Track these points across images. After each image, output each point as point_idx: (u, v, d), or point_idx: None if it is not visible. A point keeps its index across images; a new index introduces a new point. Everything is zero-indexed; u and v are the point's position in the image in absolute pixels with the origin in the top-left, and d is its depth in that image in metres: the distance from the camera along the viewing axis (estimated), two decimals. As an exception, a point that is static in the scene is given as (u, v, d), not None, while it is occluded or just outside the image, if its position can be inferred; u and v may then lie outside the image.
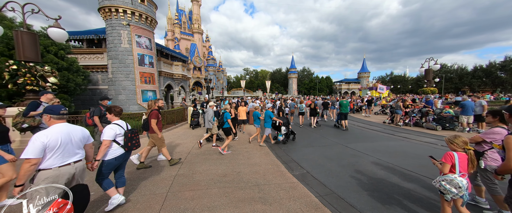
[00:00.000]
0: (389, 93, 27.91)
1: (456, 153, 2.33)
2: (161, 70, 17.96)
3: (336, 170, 4.57)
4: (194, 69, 50.30)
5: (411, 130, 9.43)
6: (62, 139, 2.05)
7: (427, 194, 3.40)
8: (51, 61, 9.73)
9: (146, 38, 14.48)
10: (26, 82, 6.63)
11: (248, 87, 72.46)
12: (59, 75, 10.15)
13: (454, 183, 2.20)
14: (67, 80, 10.31)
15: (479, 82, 40.74)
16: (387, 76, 66.46)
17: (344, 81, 62.06)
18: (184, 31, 53.55)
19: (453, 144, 2.38)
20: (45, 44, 10.00)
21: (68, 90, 10.59)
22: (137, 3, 13.47)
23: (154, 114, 4.47)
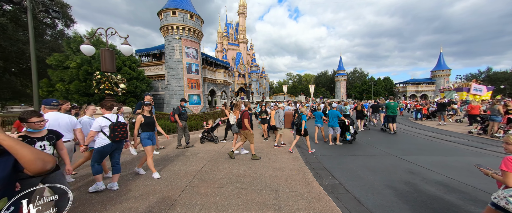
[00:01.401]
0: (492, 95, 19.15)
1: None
2: (206, 76, 20.03)
3: (379, 186, 3.59)
4: (239, 76, 53.91)
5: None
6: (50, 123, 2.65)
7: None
8: (125, 72, 12.60)
9: (193, 49, 16.58)
10: (105, 88, 8.69)
11: (291, 92, 70.72)
12: (130, 83, 12.98)
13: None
14: (135, 87, 13.05)
15: None
16: (481, 74, 49.52)
17: (410, 82, 50.56)
18: (231, 42, 58.69)
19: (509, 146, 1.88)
20: (123, 59, 13.08)
21: (136, 95, 13.39)
22: (187, 19, 15.70)
23: (246, 115, 5.16)
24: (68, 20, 17.27)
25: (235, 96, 47.91)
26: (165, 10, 15.24)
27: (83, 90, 11.58)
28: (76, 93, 11.60)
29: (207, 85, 20.67)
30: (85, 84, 11.48)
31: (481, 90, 17.73)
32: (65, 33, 17.78)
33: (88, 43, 7.91)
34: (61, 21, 16.85)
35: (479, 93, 17.58)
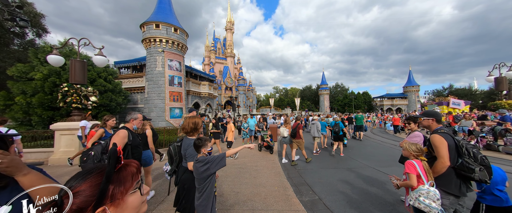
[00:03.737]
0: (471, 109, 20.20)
1: (414, 161, 2.16)
2: (190, 89, 19.64)
3: (358, 200, 3.61)
4: (226, 89, 53.91)
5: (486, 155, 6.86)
6: None
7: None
8: (100, 84, 11.86)
9: (176, 61, 16.37)
10: (72, 101, 7.99)
11: (277, 105, 71.88)
12: (104, 96, 12.18)
13: (431, 196, 1.99)
14: (110, 100, 12.25)
15: None
16: (444, 90, 55.20)
17: (386, 96, 54.49)
18: (218, 56, 59.47)
19: (407, 150, 2.26)
20: (99, 70, 12.39)
21: (109, 108, 12.52)
22: (171, 32, 15.68)
23: (300, 126, 6.23)
24: (40, 29, 16.27)
25: (222, 109, 47.33)
26: (148, 23, 15.15)
27: (47, 103, 10.55)
28: (39, 107, 10.51)
29: (191, 98, 20.19)
30: (51, 97, 10.51)
31: (459, 104, 18.79)
32: (35, 43, 16.62)
33: (56, 53, 7.37)
34: (32, 30, 15.82)
35: (458, 106, 18.54)
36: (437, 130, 2.28)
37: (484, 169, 2.01)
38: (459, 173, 2.10)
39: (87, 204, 0.57)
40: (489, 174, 2.01)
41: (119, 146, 0.68)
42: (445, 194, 2.15)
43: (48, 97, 10.52)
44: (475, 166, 2.01)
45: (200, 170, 1.81)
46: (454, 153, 2.12)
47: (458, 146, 2.12)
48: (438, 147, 2.12)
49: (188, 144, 2.18)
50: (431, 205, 1.95)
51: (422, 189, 2.03)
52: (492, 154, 6.85)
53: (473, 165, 2.02)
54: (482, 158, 2.06)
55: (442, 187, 2.14)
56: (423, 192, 2.01)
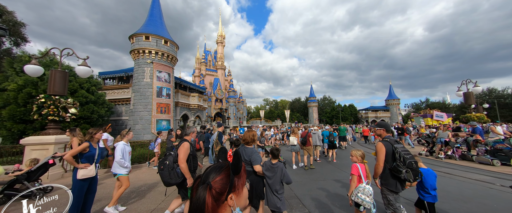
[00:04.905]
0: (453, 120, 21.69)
1: (358, 164, 2.78)
2: (178, 100, 19.27)
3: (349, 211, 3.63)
4: (216, 100, 53.56)
5: (457, 165, 7.32)
6: None
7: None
8: (81, 96, 11.28)
9: (165, 73, 16.19)
10: (49, 113, 7.48)
11: (268, 117, 72.18)
12: (86, 107, 11.55)
13: (366, 192, 2.52)
14: (91, 112, 11.60)
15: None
16: (422, 103, 59.34)
17: (370, 109, 57.17)
18: (209, 68, 59.83)
19: (354, 157, 2.87)
20: (81, 81, 11.85)
21: (91, 121, 11.81)
22: (161, 44, 15.70)
23: (310, 135, 7.26)
24: (19, 38, 15.52)
25: (212, 121, 46.48)
26: (138, 34, 15.11)
27: (19, 116, 9.75)
28: (9, 120, 9.66)
29: (180, 110, 19.74)
30: (24, 109, 9.76)
31: (442, 116, 20.17)
32: (12, 52, 15.71)
33: (35, 63, 7.03)
34: (9, 39, 15.03)
35: (441, 119, 19.84)
36: (384, 139, 2.74)
37: (410, 171, 2.45)
38: (393, 174, 2.57)
39: (224, 189, 0.73)
40: (414, 175, 2.46)
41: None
42: (390, 192, 2.62)
43: (20, 109, 9.75)
44: (402, 169, 2.47)
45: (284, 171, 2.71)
46: (390, 157, 2.58)
47: (394, 152, 2.57)
48: (378, 152, 2.64)
49: (251, 151, 2.82)
50: (365, 200, 2.45)
51: (361, 186, 2.57)
52: (467, 164, 7.31)
53: (401, 168, 2.48)
54: (410, 163, 2.49)
55: (387, 186, 2.63)
56: (361, 189, 2.54)
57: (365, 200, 2.51)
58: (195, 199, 0.70)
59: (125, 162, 3.68)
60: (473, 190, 4.65)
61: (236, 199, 0.76)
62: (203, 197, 0.69)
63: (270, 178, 2.65)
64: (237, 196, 0.78)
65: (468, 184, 5.04)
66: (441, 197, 4.29)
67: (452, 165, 7.32)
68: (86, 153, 3.08)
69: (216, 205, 0.71)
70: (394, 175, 2.59)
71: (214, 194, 0.71)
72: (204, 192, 0.70)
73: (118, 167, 3.66)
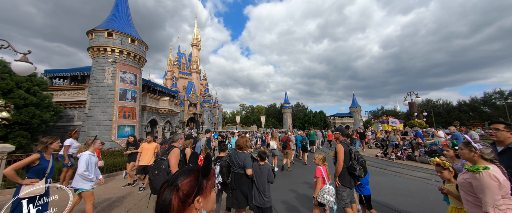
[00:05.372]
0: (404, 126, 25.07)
1: (321, 167, 3.01)
2: (146, 104, 17.71)
3: None
4: (190, 105, 51.02)
5: (404, 164, 8.45)
6: None
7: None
8: (18, 97, 9.37)
9: (131, 74, 14.78)
10: (-31, 117, 5.99)
11: (244, 122, 71.95)
12: (24, 111, 9.64)
13: (331, 192, 2.77)
14: (32, 116, 9.69)
15: (467, 116, 41.38)
16: (378, 111, 67.78)
17: (337, 116, 62.52)
18: (183, 71, 57.09)
19: (316, 160, 3.13)
20: (19, 79, 9.88)
21: (31, 127, 9.83)
22: (127, 43, 14.36)
23: (290, 139, 7.89)
24: None
25: (184, 126, 43.87)
26: (99, 30, 13.54)
27: None
28: None
29: (147, 114, 18.11)
30: None
31: (395, 122, 23.19)
32: None
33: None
34: None
35: (395, 124, 22.73)
36: (341, 141, 3.16)
37: (362, 168, 2.96)
38: (349, 172, 2.97)
39: (191, 192, 0.74)
40: (365, 172, 3.01)
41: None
42: (344, 188, 2.98)
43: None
44: (357, 166, 2.93)
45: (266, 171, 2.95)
46: (348, 157, 3.01)
47: (350, 153, 3.00)
48: (338, 153, 3.02)
49: (245, 156, 3.01)
50: (330, 200, 2.72)
51: (325, 188, 2.81)
52: (412, 163, 8.52)
53: (356, 166, 2.93)
54: (362, 161, 3.00)
55: (342, 182, 3.00)
56: (326, 190, 2.79)
57: (330, 200, 2.74)
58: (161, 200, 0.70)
59: (90, 174, 3.26)
60: (416, 186, 5.42)
61: (203, 202, 0.77)
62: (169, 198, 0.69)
63: (259, 179, 2.90)
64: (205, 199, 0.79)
65: (412, 181, 5.87)
66: (392, 193, 4.87)
67: (401, 164, 8.44)
68: (35, 166, 2.51)
69: (182, 207, 0.71)
70: (350, 173, 2.97)
71: (181, 196, 0.71)
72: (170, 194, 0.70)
73: (81, 181, 3.22)
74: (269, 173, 2.94)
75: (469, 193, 1.83)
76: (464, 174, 1.95)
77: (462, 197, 1.94)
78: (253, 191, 2.92)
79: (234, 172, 3.02)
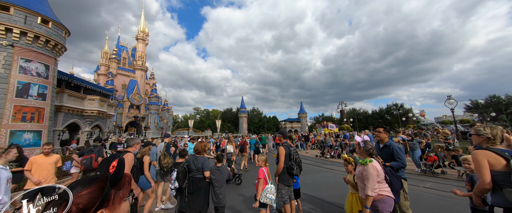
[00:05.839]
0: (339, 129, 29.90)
1: (263, 168, 3.21)
2: (63, 104, 13.92)
3: None
4: (131, 107, 43.63)
5: (337, 162, 10.09)
6: None
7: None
8: None
9: (40, 64, 11.35)
10: None
11: (198, 127, 67.83)
12: None
13: (272, 191, 3.00)
14: None
15: (377, 122, 54.22)
16: (320, 117, 79.03)
17: (288, 121, 68.65)
18: (123, 67, 48.68)
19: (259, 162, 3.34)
20: None
21: None
22: (35, 23, 11.02)
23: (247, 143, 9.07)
24: None
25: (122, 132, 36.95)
26: (-15, -1, 9.80)
27: None
28: None
29: (64, 117, 14.23)
30: None
31: (333, 127, 27.78)
32: None
33: None
34: None
35: (332, 128, 27.36)
36: (282, 143, 3.47)
37: (298, 168, 3.34)
38: (288, 171, 3.26)
39: (91, 205, 0.64)
40: (300, 171, 3.42)
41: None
42: (284, 186, 3.25)
43: None
44: (294, 166, 3.27)
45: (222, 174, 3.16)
46: (287, 158, 3.29)
47: (290, 154, 3.30)
48: (280, 154, 3.29)
49: (203, 159, 3.12)
50: (272, 198, 2.94)
51: (268, 187, 3.00)
52: (341, 161, 10.31)
53: (294, 166, 3.26)
54: (299, 161, 3.34)
55: (282, 182, 3.27)
56: (268, 190, 2.98)
57: (272, 198, 2.94)
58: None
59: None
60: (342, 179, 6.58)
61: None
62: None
63: (218, 181, 3.06)
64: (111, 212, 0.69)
65: (341, 176, 7.05)
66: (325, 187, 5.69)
67: (334, 162, 10.05)
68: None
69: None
70: (288, 172, 3.24)
71: (74, 211, 0.61)
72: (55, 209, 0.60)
73: None
74: (227, 172, 3.21)
75: (361, 181, 2.41)
76: (359, 167, 2.56)
77: (358, 185, 2.52)
78: (210, 193, 3.09)
79: (192, 176, 3.08)
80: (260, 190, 3.03)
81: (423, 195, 4.89)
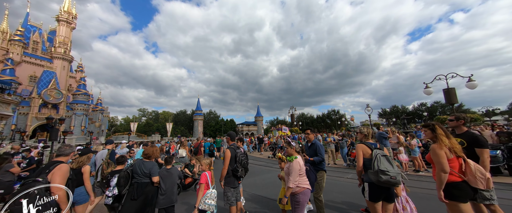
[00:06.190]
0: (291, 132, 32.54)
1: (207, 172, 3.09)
2: None
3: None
4: (43, 106, 33.41)
5: (284, 161, 10.90)
6: None
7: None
8: None
9: None
10: None
11: (143, 131, 59.21)
12: None
13: (213, 196, 2.90)
14: None
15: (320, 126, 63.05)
16: (274, 120, 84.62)
17: (245, 124, 69.93)
18: (33, 53, 37.01)
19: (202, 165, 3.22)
20: None
21: None
22: None
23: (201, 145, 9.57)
24: None
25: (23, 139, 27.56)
26: None
27: None
28: None
29: None
30: None
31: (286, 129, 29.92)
32: None
33: None
34: None
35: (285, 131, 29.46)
36: (229, 146, 3.44)
37: (243, 169, 3.30)
38: (233, 173, 3.22)
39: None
40: (246, 172, 3.37)
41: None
42: (229, 188, 3.20)
43: None
44: (239, 168, 3.23)
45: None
46: (233, 161, 3.27)
47: (236, 156, 3.28)
48: (225, 157, 3.25)
49: (152, 164, 3.08)
50: (211, 204, 2.83)
51: (208, 193, 2.87)
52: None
53: (239, 168, 3.23)
54: (245, 163, 3.33)
55: (228, 184, 3.22)
56: (208, 195, 2.86)
57: (211, 204, 2.81)
58: None
59: None
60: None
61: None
62: None
63: (166, 183, 3.02)
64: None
65: None
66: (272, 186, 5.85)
67: None
68: None
69: None
70: (234, 174, 3.21)
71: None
72: None
73: None
74: (177, 173, 3.23)
75: (287, 175, 2.73)
76: (287, 163, 2.88)
77: (285, 179, 2.82)
78: (158, 197, 2.99)
79: (137, 182, 2.94)
80: (200, 196, 2.93)
81: (346, 184, 5.91)
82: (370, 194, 2.34)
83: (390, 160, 2.31)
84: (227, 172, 3.22)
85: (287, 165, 2.81)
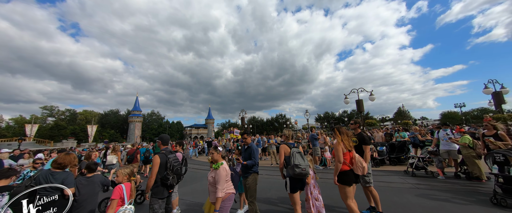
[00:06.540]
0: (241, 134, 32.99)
1: (123, 184, 2.54)
2: None
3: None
4: None
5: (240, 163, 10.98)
6: None
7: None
8: None
9: None
10: None
11: (49, 136, 44.54)
12: None
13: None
14: None
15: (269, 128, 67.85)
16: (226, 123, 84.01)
17: (194, 126, 65.44)
18: None
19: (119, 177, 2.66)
20: None
21: None
22: None
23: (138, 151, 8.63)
24: None
25: None
26: None
27: None
28: None
29: None
30: None
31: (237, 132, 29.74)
32: None
33: None
34: None
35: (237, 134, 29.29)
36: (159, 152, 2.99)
37: (175, 176, 2.88)
38: (162, 182, 2.80)
39: None
40: (178, 179, 2.99)
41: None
42: (156, 200, 2.76)
43: None
44: (170, 176, 2.81)
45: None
46: (163, 168, 2.83)
47: (166, 163, 2.85)
48: (153, 165, 2.79)
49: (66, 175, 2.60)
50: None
51: (121, 210, 2.30)
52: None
53: (169, 176, 2.80)
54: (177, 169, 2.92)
55: (155, 195, 2.77)
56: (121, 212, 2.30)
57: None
58: None
59: None
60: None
61: None
62: None
63: (86, 192, 2.65)
64: None
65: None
66: None
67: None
68: None
69: None
70: (163, 183, 2.76)
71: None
72: None
73: None
74: (100, 180, 2.85)
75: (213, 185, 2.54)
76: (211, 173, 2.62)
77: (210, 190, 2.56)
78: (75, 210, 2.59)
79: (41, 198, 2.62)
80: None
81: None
82: (291, 187, 2.71)
83: (302, 156, 2.73)
84: (155, 181, 2.77)
85: (213, 173, 2.59)
